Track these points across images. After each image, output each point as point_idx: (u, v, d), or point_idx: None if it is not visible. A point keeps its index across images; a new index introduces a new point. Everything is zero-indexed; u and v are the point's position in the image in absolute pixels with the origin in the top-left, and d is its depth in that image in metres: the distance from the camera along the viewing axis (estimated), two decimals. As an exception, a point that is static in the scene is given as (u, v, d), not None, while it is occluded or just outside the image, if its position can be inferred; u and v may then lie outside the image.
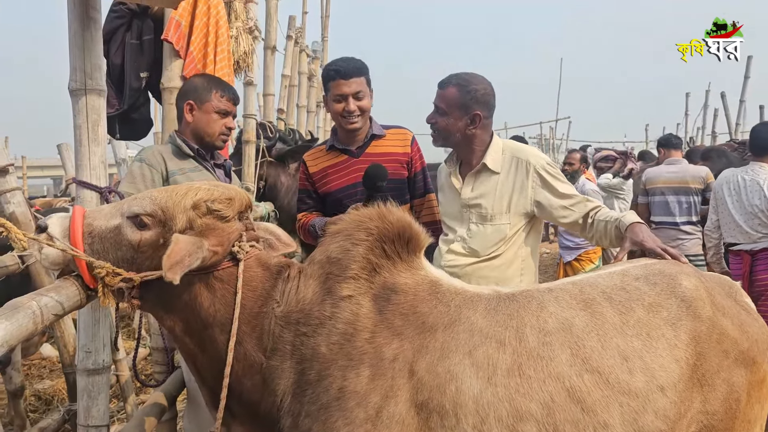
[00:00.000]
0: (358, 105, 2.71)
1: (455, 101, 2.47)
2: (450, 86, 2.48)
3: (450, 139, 2.56)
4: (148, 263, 1.69)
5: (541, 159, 2.53)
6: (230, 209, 1.75)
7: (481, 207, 2.53)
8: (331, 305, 1.68)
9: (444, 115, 2.50)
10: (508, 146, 2.61)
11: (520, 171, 2.51)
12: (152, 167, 2.49)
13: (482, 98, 2.48)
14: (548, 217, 2.52)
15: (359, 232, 1.78)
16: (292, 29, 6.54)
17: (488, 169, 2.55)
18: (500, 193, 2.51)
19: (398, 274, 1.76)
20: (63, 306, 1.61)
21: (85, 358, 2.07)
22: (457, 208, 2.62)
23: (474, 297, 1.78)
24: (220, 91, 2.60)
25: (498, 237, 2.50)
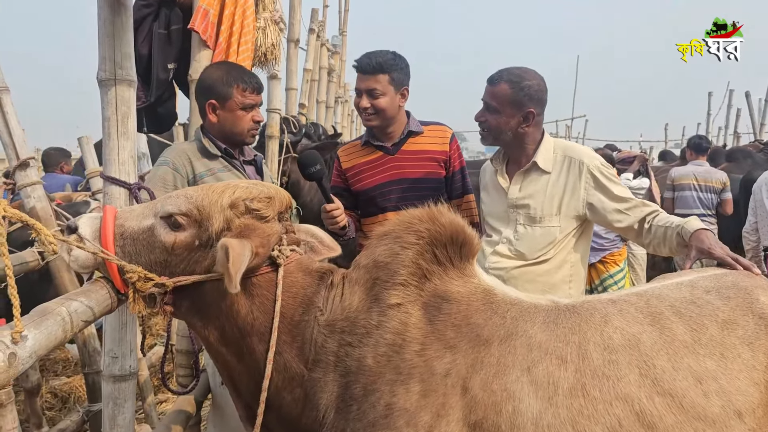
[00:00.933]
0: (372, 103, 2.60)
1: (507, 98, 2.34)
2: (502, 82, 2.35)
3: (500, 138, 2.44)
4: (182, 266, 1.58)
5: (595, 159, 2.40)
6: (270, 209, 1.63)
7: (529, 208, 2.41)
8: (379, 313, 1.56)
9: (495, 112, 2.38)
10: (559, 145, 2.48)
11: (572, 171, 2.38)
12: (177, 171, 2.34)
13: (536, 95, 2.36)
14: (601, 220, 2.38)
15: (408, 235, 1.65)
16: (314, 22, 6.41)
17: (538, 168, 2.42)
18: (550, 194, 2.39)
19: (450, 281, 1.63)
20: (93, 311, 1.50)
21: (112, 363, 1.96)
22: (502, 209, 2.50)
23: (531, 308, 1.64)
24: (242, 84, 2.41)
25: (547, 240, 2.38)
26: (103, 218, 1.59)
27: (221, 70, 2.43)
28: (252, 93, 2.44)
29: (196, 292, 1.58)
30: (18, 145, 3.04)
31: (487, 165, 2.70)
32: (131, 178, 1.95)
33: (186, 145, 2.50)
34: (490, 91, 2.38)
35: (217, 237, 1.56)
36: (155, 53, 2.78)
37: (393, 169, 2.69)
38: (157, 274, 1.57)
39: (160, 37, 2.76)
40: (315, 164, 2.31)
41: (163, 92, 2.87)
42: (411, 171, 2.69)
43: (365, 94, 2.60)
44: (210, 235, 1.56)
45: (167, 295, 1.56)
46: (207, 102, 2.40)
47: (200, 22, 2.64)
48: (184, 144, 2.56)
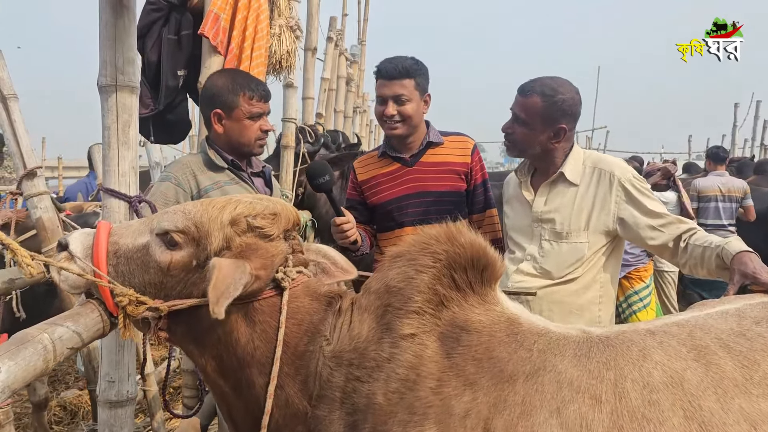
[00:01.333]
0: (398, 110, 2.45)
1: (539, 112, 2.19)
2: (534, 94, 2.20)
3: (527, 152, 2.29)
4: (179, 289, 1.45)
5: (627, 171, 2.24)
6: (274, 226, 1.50)
7: (555, 222, 2.26)
8: (390, 345, 1.41)
9: (524, 125, 2.23)
10: (589, 156, 2.33)
11: (602, 183, 2.23)
12: (178, 186, 2.22)
13: (570, 109, 2.21)
14: (633, 237, 2.21)
15: (424, 257, 1.51)
16: (332, 31, 6.32)
17: (566, 180, 2.27)
18: (578, 208, 2.23)
19: (470, 309, 1.48)
20: (81, 337, 1.39)
21: (108, 388, 1.85)
22: (526, 223, 2.35)
23: (561, 340, 1.48)
24: (248, 92, 2.28)
25: (574, 257, 2.22)
26: (96, 235, 1.48)
27: (226, 78, 2.31)
28: (259, 101, 2.31)
29: (192, 318, 1.45)
30: (25, 154, 2.96)
31: (511, 177, 2.55)
32: (132, 190, 1.85)
33: (190, 158, 2.38)
34: (521, 103, 2.23)
35: (216, 257, 1.43)
36: (164, 59, 2.68)
37: (411, 181, 2.55)
38: (152, 296, 1.45)
39: (169, 43, 2.66)
40: (323, 175, 2.18)
41: (173, 100, 2.77)
42: (430, 184, 2.54)
43: (391, 101, 2.45)
44: (208, 254, 1.43)
45: (162, 319, 1.44)
46: (212, 112, 2.28)
47: (210, 27, 2.53)
48: (189, 157, 2.45)
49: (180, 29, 2.67)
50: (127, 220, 1.83)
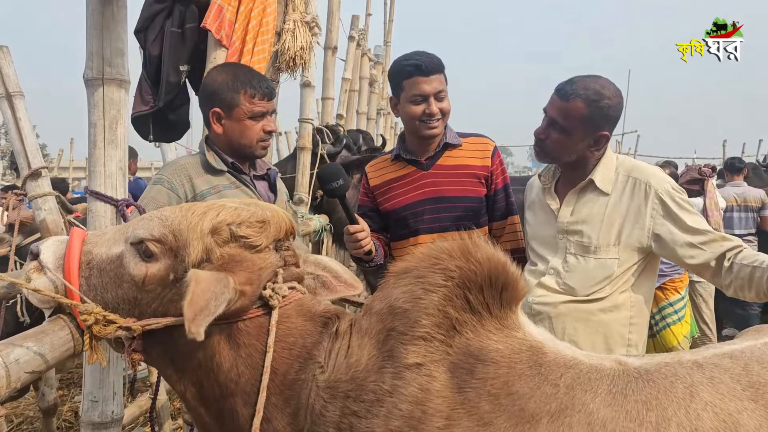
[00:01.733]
0: (439, 107, 2.26)
1: (581, 119, 1.99)
2: (577, 99, 1.98)
3: (562, 159, 2.09)
4: (154, 306, 1.29)
5: (664, 182, 2.02)
6: (262, 236, 1.33)
7: (582, 235, 2.05)
8: (393, 376, 1.23)
9: (562, 132, 2.03)
10: (622, 163, 2.11)
11: (636, 194, 2.02)
12: (172, 190, 2.05)
13: (614, 115, 2.01)
14: (669, 254, 1.99)
15: (434, 274, 1.31)
16: (354, 29, 6.16)
17: (596, 189, 2.06)
18: (609, 220, 2.02)
19: (487, 335, 1.29)
20: (45, 359, 1.23)
21: (91, 408, 1.70)
22: (550, 233, 2.14)
23: (592, 373, 1.28)
24: (249, 89, 2.09)
25: (602, 274, 2.01)
26: (69, 243, 1.32)
27: (227, 74, 2.13)
28: (262, 99, 2.12)
29: (170, 339, 1.29)
30: (30, 153, 2.85)
31: (534, 181, 2.35)
32: (119, 192, 1.70)
33: (187, 160, 2.21)
34: (561, 108, 2.01)
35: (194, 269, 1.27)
36: (166, 54, 2.53)
37: (427, 186, 2.35)
38: (125, 313, 1.29)
39: (172, 37, 2.51)
40: (336, 179, 2.00)
41: (175, 97, 2.62)
42: (447, 188, 2.34)
43: (432, 98, 2.25)
44: (186, 267, 1.27)
45: (135, 340, 1.28)
46: (210, 110, 2.11)
47: (213, 19, 2.38)
48: (185, 158, 2.27)
49: (184, 22, 2.52)
50: (114, 225, 1.68)
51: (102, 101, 1.63)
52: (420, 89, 2.23)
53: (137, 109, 2.63)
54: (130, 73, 1.69)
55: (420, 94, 2.24)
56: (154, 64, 2.57)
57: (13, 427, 4.39)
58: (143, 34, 2.56)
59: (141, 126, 2.68)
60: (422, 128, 2.28)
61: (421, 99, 2.24)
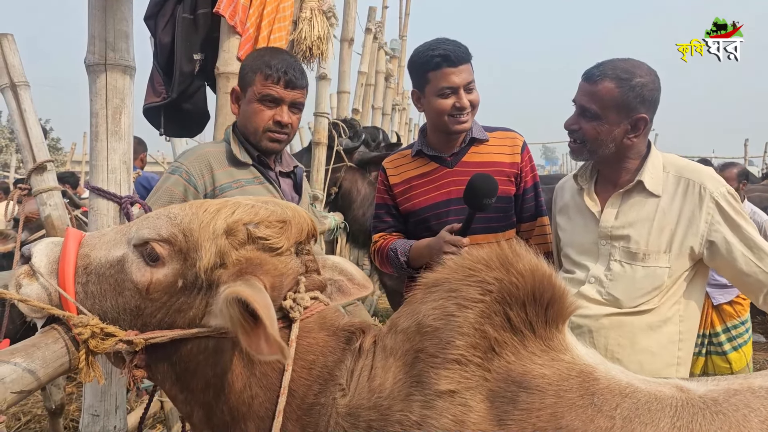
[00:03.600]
0: (469, 99, 2.09)
1: (613, 101, 1.82)
2: (605, 79, 1.83)
3: (600, 152, 1.91)
4: (159, 316, 1.15)
5: (720, 185, 1.86)
6: (283, 237, 1.19)
7: (629, 240, 1.88)
8: (422, 405, 1.08)
9: (595, 119, 1.86)
10: (671, 162, 1.93)
11: (689, 197, 1.85)
12: (189, 181, 1.88)
13: (650, 95, 1.83)
14: (721, 265, 1.83)
15: (469, 288, 1.16)
16: (371, 22, 6.00)
17: (645, 190, 1.89)
18: (660, 225, 1.86)
19: (530, 358, 1.13)
20: (37, 375, 1.10)
21: (91, 423, 1.57)
22: (591, 239, 1.97)
23: (652, 403, 1.12)
24: (266, 69, 1.90)
25: (652, 284, 1.85)
26: (63, 246, 1.19)
27: (258, 53, 1.97)
28: (276, 84, 1.91)
29: (176, 354, 1.16)
30: (35, 146, 2.73)
31: (567, 183, 2.17)
32: (123, 189, 1.56)
33: (209, 148, 2.01)
34: (589, 91, 1.86)
35: (207, 277, 1.13)
36: (179, 41, 2.39)
37: (452, 185, 2.19)
38: (126, 323, 1.16)
39: (184, 23, 2.37)
40: (493, 196, 1.88)
41: (188, 87, 2.47)
42: None
43: (463, 90, 2.08)
44: (197, 272, 1.13)
45: (137, 354, 1.14)
46: (232, 89, 1.96)
47: (227, 5, 2.23)
48: (208, 146, 2.06)
49: (196, 7, 2.37)
50: (117, 224, 1.55)
51: (105, 89, 1.50)
52: (449, 81, 2.06)
53: (149, 100, 2.50)
54: (135, 59, 1.55)
55: (449, 87, 2.06)
56: (166, 53, 2.43)
57: (21, 425, 4.30)
58: (153, 21, 2.43)
59: (154, 118, 2.54)
60: (452, 123, 2.11)
61: (450, 92, 2.07)
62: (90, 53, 1.49)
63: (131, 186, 1.61)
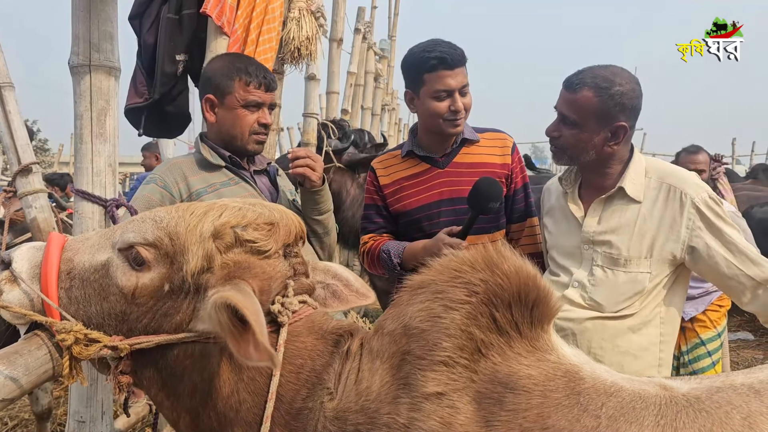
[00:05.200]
0: (464, 102, 2.09)
1: (592, 110, 1.83)
2: (584, 88, 1.83)
3: (581, 158, 1.92)
4: (145, 321, 1.15)
5: (701, 190, 1.86)
6: (271, 239, 1.18)
7: (611, 246, 1.89)
8: (410, 407, 1.08)
9: (574, 126, 1.87)
10: (654, 167, 1.94)
11: (671, 203, 1.86)
12: (165, 188, 1.91)
13: (630, 103, 1.83)
14: (703, 270, 1.84)
15: (455, 289, 1.17)
16: (360, 22, 5.99)
17: (626, 196, 1.90)
18: (641, 231, 1.87)
19: (516, 359, 1.14)
20: (19, 383, 1.09)
21: (77, 429, 1.56)
22: (573, 243, 1.98)
23: (636, 402, 1.13)
24: (245, 76, 1.96)
25: (633, 289, 1.86)
26: (46, 250, 1.18)
27: (223, 60, 2.00)
28: (258, 89, 1.97)
29: (162, 359, 1.15)
30: (20, 148, 2.68)
31: (553, 185, 2.17)
32: (108, 191, 1.55)
33: (181, 159, 2.08)
34: (569, 100, 1.87)
35: (194, 281, 1.12)
36: (162, 42, 2.37)
37: (443, 185, 2.19)
38: (112, 329, 1.15)
39: (169, 23, 2.35)
40: (498, 200, 1.91)
41: (171, 88, 2.46)
42: (466, 188, 2.14)
43: (458, 93, 2.08)
44: (184, 276, 1.12)
45: (123, 360, 1.13)
46: (204, 97, 1.97)
47: (214, 5, 2.21)
48: (180, 157, 2.14)
49: (181, 7, 2.35)
50: (102, 227, 1.54)
51: (89, 90, 1.49)
52: (445, 84, 2.06)
53: (131, 101, 2.48)
54: (120, 60, 1.54)
55: (445, 90, 2.06)
56: (150, 53, 2.41)
57: (8, 429, 4.26)
58: (138, 21, 2.41)
59: (134, 119, 2.52)
60: (447, 126, 2.11)
61: (445, 95, 2.07)
62: (74, 54, 1.48)
63: (117, 189, 1.60)
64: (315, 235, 2.20)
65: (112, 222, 1.54)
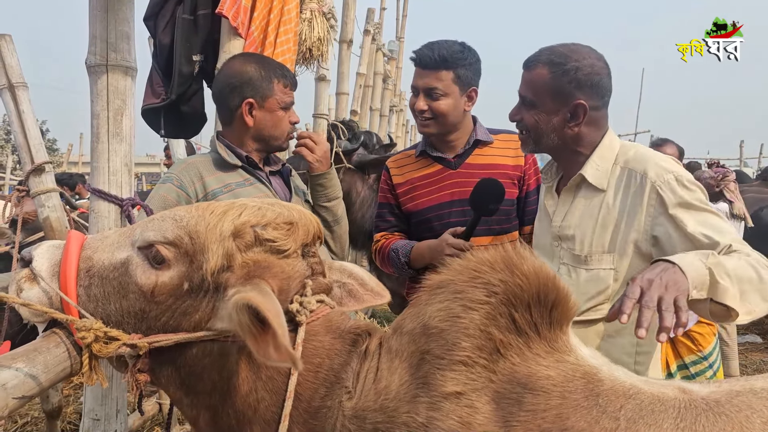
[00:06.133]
0: (430, 105, 2.11)
1: (545, 87, 1.69)
2: (539, 65, 1.70)
3: (542, 142, 1.77)
4: (164, 319, 1.15)
5: (665, 171, 1.64)
6: (290, 239, 1.18)
7: (574, 241, 1.74)
8: (428, 406, 1.08)
9: (532, 107, 1.73)
10: (625, 152, 1.75)
11: (632, 189, 1.67)
12: (181, 188, 1.92)
13: (587, 80, 1.66)
14: None
15: (475, 289, 1.16)
16: (370, 23, 6.00)
17: (588, 185, 1.75)
18: (603, 223, 1.70)
19: (535, 360, 1.13)
20: (38, 380, 1.09)
21: (92, 427, 1.56)
22: (548, 240, 1.86)
23: (655, 404, 1.12)
24: (282, 79, 2.01)
25: (595, 288, 1.69)
26: (65, 248, 1.18)
27: (255, 63, 2.01)
28: (292, 90, 2.06)
29: (181, 357, 1.15)
30: (33, 147, 2.73)
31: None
32: (124, 191, 1.56)
33: (197, 158, 2.09)
34: (526, 79, 1.74)
35: (213, 279, 1.12)
36: (178, 42, 2.38)
37: (455, 186, 2.20)
38: (130, 327, 1.15)
39: (184, 24, 2.36)
40: (500, 202, 1.91)
41: (187, 88, 2.47)
42: None
43: (422, 94, 2.12)
44: (203, 275, 1.12)
45: (141, 358, 1.13)
46: (244, 101, 1.98)
47: (230, 5, 2.22)
48: (195, 157, 2.17)
49: (196, 8, 2.37)
50: (118, 226, 1.54)
51: (106, 90, 1.49)
52: (414, 81, 2.14)
53: (148, 101, 2.50)
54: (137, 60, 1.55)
55: (414, 86, 2.15)
56: (165, 54, 2.42)
57: (17, 427, 4.28)
58: (153, 22, 2.42)
59: (152, 119, 2.54)
60: (417, 124, 2.20)
61: (414, 91, 2.14)
62: (91, 54, 1.48)
63: (133, 188, 1.60)
64: (325, 224, 2.22)
65: (128, 221, 1.54)
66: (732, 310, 1.37)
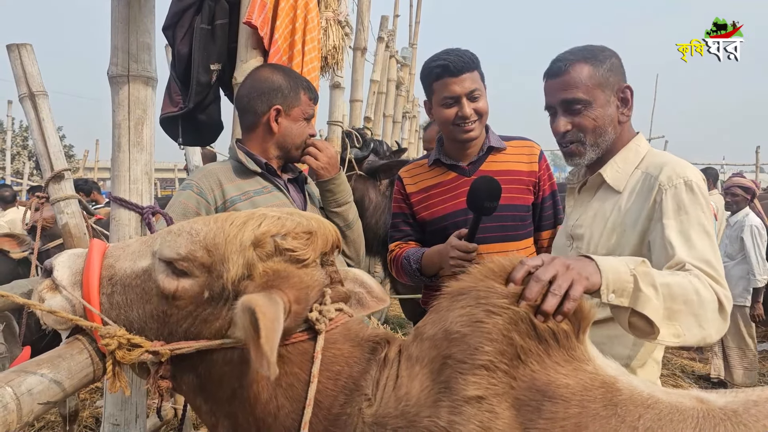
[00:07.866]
0: (474, 107, 2.10)
1: (593, 81, 1.66)
2: (576, 63, 1.68)
3: (602, 142, 1.71)
4: (185, 326, 1.16)
5: (677, 176, 1.61)
6: (309, 248, 1.19)
7: (582, 241, 1.74)
8: (450, 410, 1.08)
9: (586, 107, 1.67)
10: (650, 159, 1.73)
11: (644, 192, 1.65)
12: (200, 195, 1.95)
13: (620, 65, 1.73)
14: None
15: (497, 296, 1.17)
16: (383, 30, 6.03)
17: (606, 186, 1.74)
18: (612, 224, 1.69)
19: (554, 367, 1.14)
20: (62, 386, 1.11)
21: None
22: (563, 240, 1.86)
23: (673, 414, 1.12)
24: (308, 92, 2.09)
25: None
26: (87, 257, 1.20)
27: (286, 76, 2.07)
28: (314, 103, 2.12)
29: (202, 365, 1.17)
30: (53, 155, 2.76)
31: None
32: (145, 199, 1.58)
33: (217, 166, 2.11)
34: (563, 83, 1.69)
35: (234, 288, 1.14)
36: (196, 52, 2.41)
37: None
38: (153, 332, 1.17)
39: (202, 34, 2.40)
40: (497, 200, 1.86)
41: (205, 97, 2.50)
42: None
43: (465, 98, 2.09)
44: (224, 284, 1.14)
45: (163, 365, 1.15)
46: (273, 107, 2.02)
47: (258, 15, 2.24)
48: (216, 164, 2.18)
49: (214, 18, 2.40)
50: (139, 234, 1.57)
51: (127, 100, 1.52)
52: (450, 91, 2.09)
53: (166, 110, 2.53)
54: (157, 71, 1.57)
55: (451, 96, 2.10)
56: (183, 63, 2.46)
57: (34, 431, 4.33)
58: (171, 32, 2.46)
59: (170, 128, 2.57)
60: (457, 132, 2.14)
61: (452, 101, 2.11)
62: (113, 65, 1.51)
63: (152, 196, 1.63)
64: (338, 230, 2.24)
65: (148, 229, 1.56)
66: (655, 326, 1.30)
